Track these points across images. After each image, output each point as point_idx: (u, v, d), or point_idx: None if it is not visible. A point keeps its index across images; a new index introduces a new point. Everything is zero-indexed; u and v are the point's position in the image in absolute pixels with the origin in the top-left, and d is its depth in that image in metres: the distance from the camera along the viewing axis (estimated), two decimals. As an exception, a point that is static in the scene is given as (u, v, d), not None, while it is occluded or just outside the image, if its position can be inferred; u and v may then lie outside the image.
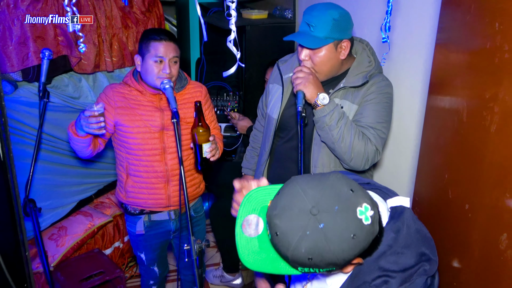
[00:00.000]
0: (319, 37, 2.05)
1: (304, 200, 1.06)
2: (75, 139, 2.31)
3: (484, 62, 1.41)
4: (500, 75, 1.33)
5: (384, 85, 2.15)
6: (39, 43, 2.72)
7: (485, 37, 1.40)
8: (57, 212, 3.28)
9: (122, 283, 3.17)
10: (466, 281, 1.58)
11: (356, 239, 1.04)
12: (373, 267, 1.16)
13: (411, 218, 1.24)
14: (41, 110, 2.45)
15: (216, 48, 4.46)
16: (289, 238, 1.04)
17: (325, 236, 1.03)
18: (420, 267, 1.17)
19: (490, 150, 1.40)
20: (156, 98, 2.45)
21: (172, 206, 2.60)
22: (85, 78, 3.29)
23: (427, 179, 1.86)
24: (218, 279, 3.75)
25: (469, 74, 1.51)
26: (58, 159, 3.19)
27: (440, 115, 1.73)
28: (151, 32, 2.37)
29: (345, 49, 2.11)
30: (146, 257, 2.78)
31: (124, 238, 3.73)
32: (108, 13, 3.22)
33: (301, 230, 1.04)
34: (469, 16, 1.50)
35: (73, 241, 3.25)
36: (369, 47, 2.25)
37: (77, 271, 3.10)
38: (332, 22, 2.02)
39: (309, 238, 1.03)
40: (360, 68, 2.17)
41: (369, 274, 1.16)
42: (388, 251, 1.17)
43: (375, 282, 1.14)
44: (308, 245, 1.03)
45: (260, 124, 2.69)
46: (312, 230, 1.03)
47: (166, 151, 2.49)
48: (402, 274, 1.15)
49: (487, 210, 1.43)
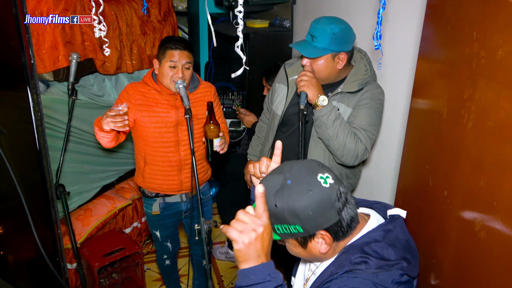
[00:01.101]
0: (318, 47, 2.04)
1: (284, 169, 1.20)
2: (100, 134, 2.31)
3: (462, 67, 1.42)
4: (477, 78, 1.34)
5: (377, 92, 2.14)
6: (68, 47, 2.71)
7: (463, 45, 1.41)
8: (83, 195, 3.28)
9: (140, 257, 3.17)
10: (444, 259, 1.58)
11: (312, 194, 1.13)
12: (357, 250, 1.18)
13: (403, 226, 1.27)
14: (70, 106, 2.45)
15: (223, 53, 4.45)
16: (267, 195, 1.15)
17: (289, 189, 1.14)
18: (398, 263, 1.16)
19: (467, 143, 1.41)
20: (172, 97, 2.44)
21: (183, 190, 2.61)
22: (108, 78, 3.29)
23: (410, 170, 1.86)
24: (223, 255, 3.77)
25: (449, 77, 1.52)
26: (84, 150, 3.19)
27: (423, 114, 1.74)
28: (168, 41, 2.36)
29: (342, 61, 2.09)
30: (160, 235, 2.79)
31: (141, 219, 3.74)
32: (129, 22, 3.21)
33: (274, 187, 1.16)
34: (450, 26, 1.50)
35: (97, 221, 3.26)
36: (366, 57, 2.23)
37: (100, 247, 3.11)
38: (331, 36, 2.01)
39: (278, 193, 1.15)
40: (357, 75, 2.16)
41: (352, 254, 1.17)
42: (373, 243, 1.18)
43: (356, 260, 1.15)
44: (278, 198, 1.15)
45: (266, 117, 2.70)
46: (281, 186, 1.16)
47: (180, 143, 2.49)
48: (380, 261, 1.15)
49: (464, 196, 1.44)
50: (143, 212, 3.69)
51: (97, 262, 2.96)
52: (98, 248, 3.09)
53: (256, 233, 1.09)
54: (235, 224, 1.11)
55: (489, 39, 1.27)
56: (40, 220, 1.66)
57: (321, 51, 2.04)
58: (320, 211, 1.13)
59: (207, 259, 2.18)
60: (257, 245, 1.09)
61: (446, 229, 1.55)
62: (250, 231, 1.09)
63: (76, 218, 3.18)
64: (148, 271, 3.60)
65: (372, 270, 1.13)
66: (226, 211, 3.61)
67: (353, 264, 1.15)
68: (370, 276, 1.12)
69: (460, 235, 1.47)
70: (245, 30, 3.56)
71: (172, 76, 2.33)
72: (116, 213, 3.43)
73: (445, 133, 1.54)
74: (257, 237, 1.08)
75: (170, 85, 2.36)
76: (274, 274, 1.09)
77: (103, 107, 3.15)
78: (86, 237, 3.17)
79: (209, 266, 2.20)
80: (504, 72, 1.22)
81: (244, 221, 1.11)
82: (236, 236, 1.09)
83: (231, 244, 3.74)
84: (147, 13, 3.37)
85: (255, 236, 1.08)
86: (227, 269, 3.69)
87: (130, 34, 3.23)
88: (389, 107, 2.37)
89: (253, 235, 1.08)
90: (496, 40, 1.24)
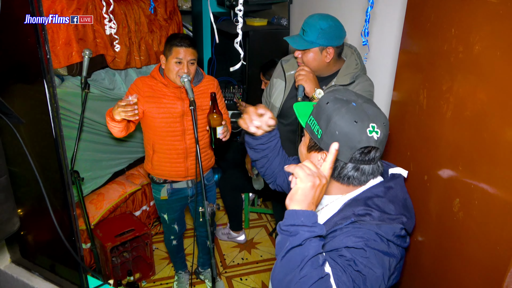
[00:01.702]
0: (307, 41, 2.06)
1: (363, 100, 1.24)
2: (112, 123, 2.33)
3: (442, 61, 1.42)
4: (455, 72, 1.35)
5: (367, 84, 2.16)
6: (81, 44, 2.72)
7: (442, 41, 1.41)
8: (96, 181, 3.31)
9: (149, 238, 3.20)
10: (425, 238, 1.60)
11: (352, 126, 1.15)
12: (361, 203, 1.19)
13: (402, 185, 1.29)
14: (83, 99, 2.46)
15: (224, 50, 4.45)
16: (332, 92, 1.25)
17: (346, 107, 1.18)
18: (399, 218, 1.17)
19: (445, 132, 1.42)
20: (177, 90, 2.45)
21: (189, 176, 2.63)
22: (118, 73, 3.29)
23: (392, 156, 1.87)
24: (225, 236, 3.80)
25: (429, 71, 1.52)
26: (97, 139, 3.20)
27: (404, 105, 1.74)
28: (174, 38, 2.36)
29: (329, 54, 2.10)
30: (168, 217, 2.82)
31: (150, 203, 3.76)
32: (137, 20, 3.21)
33: (343, 95, 1.23)
34: (429, 24, 1.50)
35: (109, 205, 3.28)
36: (356, 52, 2.24)
37: (112, 228, 3.14)
38: (319, 31, 2.02)
39: (338, 101, 1.20)
40: (349, 69, 2.17)
41: (356, 207, 1.18)
42: (375, 198, 1.19)
43: (360, 212, 1.16)
44: (334, 102, 1.20)
45: None
46: (346, 99, 1.21)
47: (186, 133, 2.50)
48: (382, 214, 1.16)
49: (443, 180, 1.45)
50: (151, 196, 3.72)
51: (109, 242, 2.99)
52: (110, 229, 3.12)
53: (320, 181, 1.06)
54: (304, 167, 1.07)
55: (466, 36, 1.28)
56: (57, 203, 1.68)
57: (308, 44, 2.06)
58: (342, 139, 1.15)
59: (210, 239, 2.21)
60: (316, 192, 1.06)
61: (427, 211, 1.56)
62: (316, 177, 1.05)
63: (90, 202, 3.21)
64: (156, 250, 3.64)
65: (375, 222, 1.14)
66: (227, 195, 3.65)
67: (357, 216, 1.16)
68: (374, 227, 1.12)
69: (440, 216, 1.48)
70: (245, 28, 3.56)
71: (178, 71, 2.34)
72: (127, 197, 3.46)
73: (426, 122, 1.55)
74: (319, 185, 1.06)
75: (176, 79, 2.37)
76: (319, 224, 1.07)
77: (114, 99, 3.16)
78: (99, 219, 3.20)
79: (212, 245, 2.23)
80: (480, 66, 1.23)
81: (311, 169, 1.08)
82: (303, 175, 1.05)
83: (233, 225, 3.77)
84: (154, 12, 3.36)
85: (318, 182, 1.05)
86: (229, 248, 3.72)
87: (138, 31, 3.24)
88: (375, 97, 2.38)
89: (317, 181, 1.05)
90: (473, 36, 1.25)
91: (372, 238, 1.11)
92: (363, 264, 1.06)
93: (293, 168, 1.07)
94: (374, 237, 1.11)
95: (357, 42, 2.47)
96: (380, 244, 1.11)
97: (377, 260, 1.08)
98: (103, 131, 3.17)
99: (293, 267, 1.02)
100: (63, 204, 1.68)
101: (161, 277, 3.34)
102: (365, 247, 1.08)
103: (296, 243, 1.03)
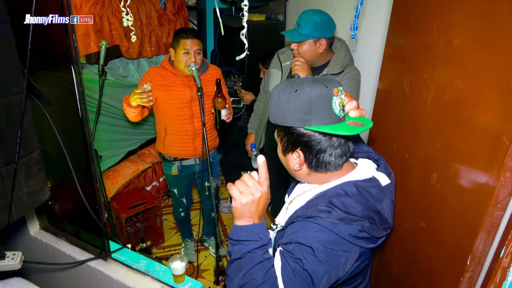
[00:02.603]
0: (302, 34, 2.08)
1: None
2: (128, 109, 2.34)
3: (424, 53, 1.43)
4: (436, 62, 1.36)
5: (355, 73, 2.17)
6: (98, 35, 2.70)
7: (425, 35, 1.42)
8: (112, 159, 3.32)
9: (159, 210, 3.24)
10: (406, 207, 1.63)
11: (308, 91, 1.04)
12: (326, 200, 1.09)
13: (385, 190, 1.15)
14: (101, 85, 2.47)
15: (226, 42, 4.43)
16: None
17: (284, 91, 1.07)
18: (361, 221, 1.05)
19: (426, 115, 1.43)
20: (186, 79, 2.45)
21: (197, 155, 2.65)
22: (131, 62, 3.28)
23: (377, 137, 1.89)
24: (227, 209, 3.84)
25: (412, 61, 1.53)
26: (112, 122, 3.21)
27: (389, 92, 1.75)
28: (181, 31, 2.36)
29: (322, 46, 2.12)
30: (177, 192, 2.85)
31: (159, 179, 3.79)
32: (148, 14, 3.18)
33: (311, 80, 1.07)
34: (413, 19, 1.51)
35: (124, 180, 3.31)
36: (345, 45, 2.25)
37: (127, 201, 3.17)
38: (313, 24, 2.04)
39: None
40: (338, 60, 2.19)
41: (320, 204, 1.09)
42: (343, 196, 1.08)
43: (321, 208, 1.07)
44: None
45: (262, 97, 2.73)
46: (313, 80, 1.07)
47: (194, 116, 2.51)
48: (344, 214, 1.05)
49: (422, 157, 1.47)
50: (161, 173, 3.75)
51: (124, 213, 3.02)
52: (125, 202, 3.16)
53: (253, 197, 1.05)
54: (238, 185, 1.07)
55: (447, 30, 1.29)
56: (82, 177, 1.71)
57: (304, 37, 2.08)
58: (290, 111, 1.06)
59: (215, 210, 2.25)
60: (252, 207, 1.05)
61: (407, 184, 1.59)
62: (249, 194, 1.05)
63: (106, 178, 3.23)
64: (165, 221, 3.68)
65: (332, 220, 1.04)
66: (229, 173, 3.68)
67: (317, 211, 1.07)
68: (330, 225, 1.03)
69: (419, 188, 1.50)
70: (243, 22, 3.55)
71: (187, 61, 2.34)
72: (139, 174, 3.48)
73: (408, 107, 1.56)
74: (253, 201, 1.05)
75: (184, 69, 2.37)
76: (262, 235, 1.05)
77: (127, 86, 3.16)
78: (115, 193, 3.24)
79: (216, 215, 2.27)
80: (458, 56, 1.24)
81: (247, 184, 1.06)
82: (236, 195, 1.06)
83: (232, 200, 3.73)
84: (163, 7, 3.34)
85: (251, 199, 1.04)
86: (230, 220, 3.77)
87: (149, 24, 3.22)
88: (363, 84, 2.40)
89: (250, 198, 1.04)
90: (453, 30, 1.26)
91: (325, 235, 1.03)
92: (309, 262, 1.01)
93: (229, 187, 1.07)
94: (328, 234, 1.03)
95: (347, 35, 2.48)
96: (336, 241, 1.03)
97: (324, 257, 1.01)
98: (118, 115, 3.18)
99: (238, 275, 1.05)
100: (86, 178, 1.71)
101: (169, 244, 3.39)
102: (313, 246, 1.02)
103: (237, 256, 1.05)
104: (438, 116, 1.36)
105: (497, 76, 1.07)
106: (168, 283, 1.71)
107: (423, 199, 1.48)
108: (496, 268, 1.10)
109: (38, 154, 1.44)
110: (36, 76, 1.56)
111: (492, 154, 1.09)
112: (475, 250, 1.19)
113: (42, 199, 1.50)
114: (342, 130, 1.02)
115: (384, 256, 1.85)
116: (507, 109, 1.04)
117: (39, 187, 1.48)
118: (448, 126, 1.31)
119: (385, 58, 1.78)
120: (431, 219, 1.43)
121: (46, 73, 1.62)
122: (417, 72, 1.49)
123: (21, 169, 1.38)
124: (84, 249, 1.91)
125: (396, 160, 1.67)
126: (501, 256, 1.08)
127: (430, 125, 1.42)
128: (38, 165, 1.45)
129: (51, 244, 1.96)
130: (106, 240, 1.81)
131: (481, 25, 1.14)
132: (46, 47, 1.53)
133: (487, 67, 1.11)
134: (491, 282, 1.12)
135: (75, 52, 1.39)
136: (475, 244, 1.17)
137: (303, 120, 1.05)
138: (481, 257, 1.20)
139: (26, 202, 1.43)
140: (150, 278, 1.74)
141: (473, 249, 1.19)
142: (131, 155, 3.63)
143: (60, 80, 1.57)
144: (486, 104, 1.12)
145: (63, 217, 2.06)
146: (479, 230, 1.15)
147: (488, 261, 1.20)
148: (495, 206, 1.11)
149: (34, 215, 2.05)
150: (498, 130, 1.07)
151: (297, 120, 1.06)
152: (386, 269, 1.82)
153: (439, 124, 1.36)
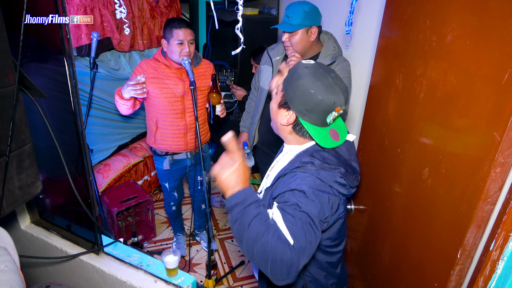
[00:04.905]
0: (294, 24, 2.10)
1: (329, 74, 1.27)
2: (121, 101, 2.31)
3: (417, 49, 1.44)
4: (429, 58, 1.37)
5: (346, 64, 2.20)
6: (90, 27, 2.67)
7: (418, 31, 1.43)
8: (103, 153, 3.30)
9: (151, 204, 3.23)
10: (398, 202, 1.64)
11: (314, 93, 1.21)
12: (308, 154, 1.28)
13: (350, 149, 1.37)
14: (92, 78, 2.44)
15: (218, 36, 4.39)
16: None
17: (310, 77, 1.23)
18: (338, 168, 1.26)
19: (418, 110, 1.45)
20: (179, 71, 2.44)
21: (188, 149, 2.64)
22: (123, 55, 3.24)
23: (369, 132, 1.90)
24: (218, 203, 3.85)
25: (405, 58, 1.54)
26: (104, 115, 3.18)
27: (381, 88, 1.76)
28: (172, 21, 2.33)
29: (314, 34, 2.15)
30: (169, 186, 2.84)
31: (151, 173, 3.77)
32: (140, 7, 3.15)
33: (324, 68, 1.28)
34: (407, 15, 1.52)
35: (115, 174, 3.30)
36: (332, 37, 2.27)
37: (118, 195, 3.16)
38: (303, 13, 2.07)
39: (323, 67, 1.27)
40: (328, 51, 2.21)
41: (304, 157, 1.27)
42: (321, 151, 1.29)
43: (304, 160, 1.25)
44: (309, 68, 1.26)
45: (254, 95, 2.73)
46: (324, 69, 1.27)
47: (186, 111, 2.50)
48: (322, 163, 1.25)
49: (414, 152, 1.49)
50: (152, 167, 3.73)
51: (115, 207, 3.01)
52: (116, 196, 3.14)
53: (233, 167, 1.16)
54: (217, 164, 1.20)
55: (440, 26, 1.30)
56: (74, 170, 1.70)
57: (296, 27, 2.11)
58: (303, 99, 1.22)
59: (206, 203, 2.24)
60: (233, 176, 1.16)
61: (399, 179, 1.60)
62: (228, 167, 1.17)
63: (98, 172, 3.21)
64: (157, 215, 3.68)
65: (315, 168, 1.23)
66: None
67: (302, 162, 1.25)
68: (314, 172, 1.22)
69: (411, 182, 1.51)
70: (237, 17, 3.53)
71: (181, 51, 2.32)
72: (130, 168, 3.47)
73: (401, 102, 1.57)
74: (234, 170, 1.16)
75: (180, 59, 2.34)
76: (249, 195, 1.16)
77: (119, 79, 3.13)
78: (106, 187, 3.22)
79: (209, 209, 2.27)
80: (451, 53, 1.25)
81: (224, 160, 1.19)
82: (218, 171, 1.18)
83: (224, 195, 3.74)
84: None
85: (232, 169, 1.16)
86: (221, 214, 3.79)
87: (141, 17, 3.19)
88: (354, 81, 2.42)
89: (230, 169, 1.16)
90: (446, 27, 1.27)
91: (313, 180, 1.21)
92: (304, 203, 1.15)
93: (212, 170, 1.20)
94: (314, 179, 1.21)
95: (341, 31, 2.49)
96: (321, 185, 1.21)
97: (315, 197, 1.17)
98: (109, 108, 3.15)
99: (243, 234, 1.13)
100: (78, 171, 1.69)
101: (161, 239, 3.38)
102: (304, 189, 1.17)
103: (235, 218, 1.15)
104: (430, 112, 1.37)
105: (489, 73, 1.09)
106: (161, 277, 1.71)
107: (414, 194, 1.49)
108: (485, 261, 1.12)
109: (30, 148, 1.43)
110: (29, 68, 1.54)
111: (483, 150, 1.11)
112: (466, 243, 1.21)
113: (34, 193, 1.49)
114: (322, 141, 1.27)
115: (375, 248, 1.87)
116: (498, 105, 1.05)
117: (31, 181, 1.46)
118: (440, 122, 1.32)
119: (378, 54, 1.79)
120: (423, 213, 1.45)
121: (41, 65, 1.60)
122: (409, 68, 1.50)
123: (13, 162, 1.36)
124: (76, 243, 1.89)
125: (388, 155, 1.69)
126: (490, 249, 1.11)
127: (422, 120, 1.43)
128: (30, 158, 1.43)
129: (42, 238, 1.94)
130: (98, 234, 1.80)
131: (474, 22, 1.15)
132: (38, 39, 1.51)
133: (480, 63, 1.13)
134: (480, 274, 1.15)
135: (68, 44, 1.37)
136: (466, 237, 1.19)
137: (301, 112, 1.25)
138: (471, 250, 1.22)
139: (17, 196, 1.41)
140: (143, 272, 1.74)
141: (464, 243, 1.21)
142: (122, 149, 3.60)
143: (52, 72, 1.55)
144: (478, 100, 1.14)
145: (55, 211, 2.04)
146: (469, 224, 1.17)
147: (478, 254, 1.22)
148: (486, 201, 1.13)
149: (24, 209, 2.03)
150: (489, 126, 1.09)
151: (297, 108, 1.25)
152: (377, 262, 1.84)
153: (431, 119, 1.37)
